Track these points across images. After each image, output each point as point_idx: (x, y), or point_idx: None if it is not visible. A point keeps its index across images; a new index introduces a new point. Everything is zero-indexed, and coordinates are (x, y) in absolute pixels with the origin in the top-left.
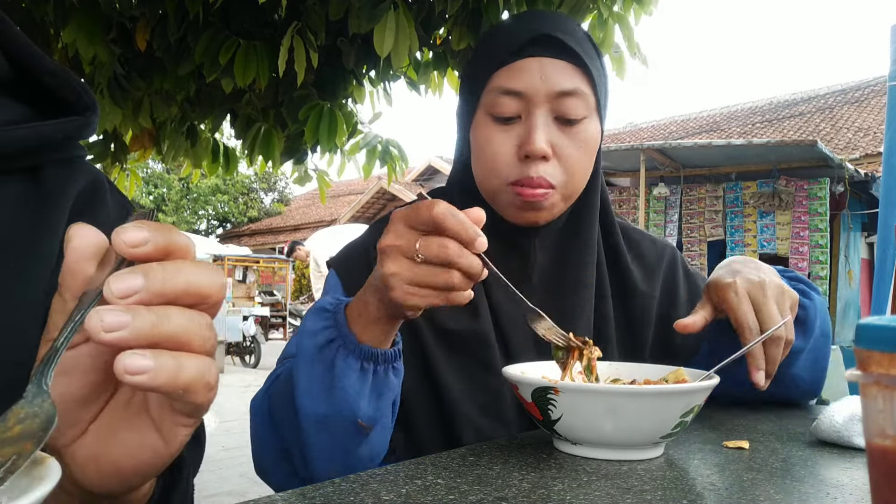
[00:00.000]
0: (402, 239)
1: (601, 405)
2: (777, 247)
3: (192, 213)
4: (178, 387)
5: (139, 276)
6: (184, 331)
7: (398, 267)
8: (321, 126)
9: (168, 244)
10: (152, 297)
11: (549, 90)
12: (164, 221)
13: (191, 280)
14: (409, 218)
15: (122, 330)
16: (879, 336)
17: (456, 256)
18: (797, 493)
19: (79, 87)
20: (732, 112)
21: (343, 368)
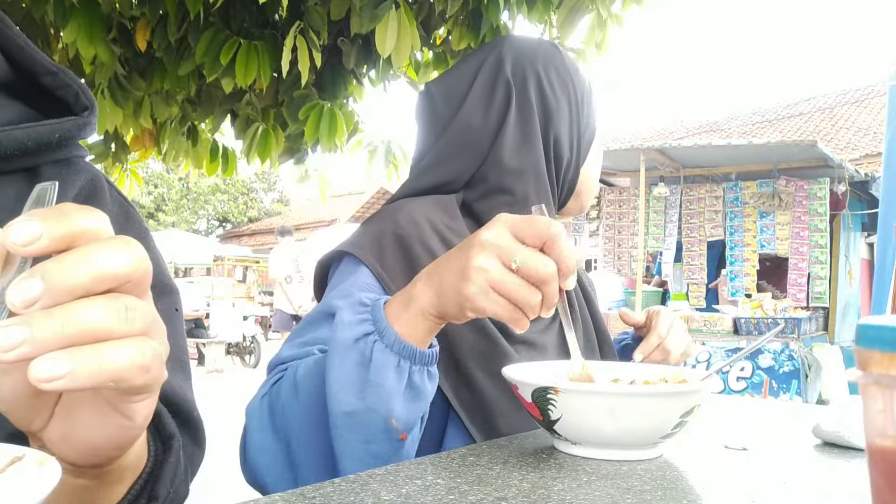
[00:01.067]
0: (505, 240)
1: (601, 405)
2: (777, 247)
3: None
4: (105, 380)
5: (37, 280)
6: (96, 324)
7: (489, 264)
8: (321, 126)
9: (67, 232)
10: (58, 298)
11: None
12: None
13: (97, 268)
14: (517, 227)
15: (22, 346)
16: (879, 336)
17: (551, 280)
18: (797, 493)
19: (77, 88)
20: (733, 112)
21: (380, 362)
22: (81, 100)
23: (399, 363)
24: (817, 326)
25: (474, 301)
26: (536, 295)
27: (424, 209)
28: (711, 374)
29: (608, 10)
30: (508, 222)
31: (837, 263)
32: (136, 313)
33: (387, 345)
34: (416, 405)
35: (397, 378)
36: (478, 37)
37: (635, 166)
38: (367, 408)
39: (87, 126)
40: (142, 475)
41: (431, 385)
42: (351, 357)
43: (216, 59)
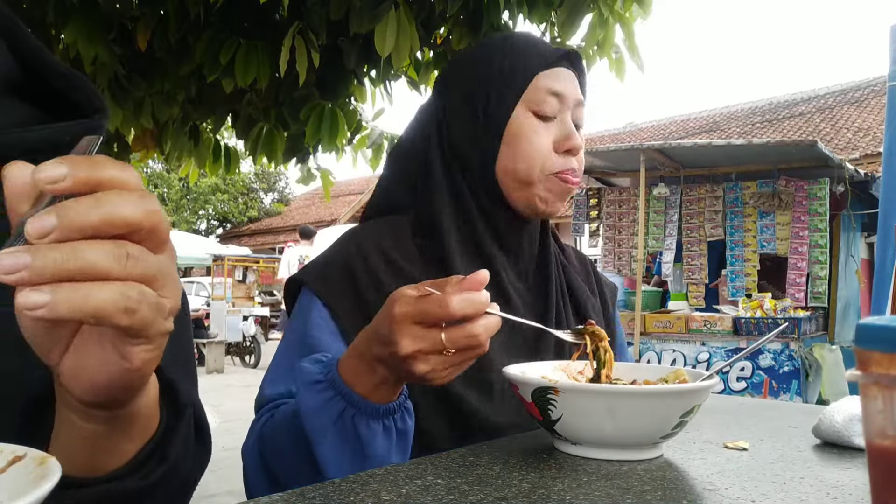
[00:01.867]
0: (424, 341)
1: (601, 405)
2: (777, 247)
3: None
4: (85, 315)
5: (52, 215)
6: (94, 264)
7: (432, 365)
8: (322, 126)
9: (91, 176)
10: (69, 234)
11: (576, 98)
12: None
13: (109, 212)
14: (419, 317)
15: (21, 271)
16: (879, 336)
17: (485, 336)
18: (797, 493)
19: (88, 90)
20: (732, 112)
21: (368, 435)
22: (93, 102)
23: (384, 427)
24: (817, 326)
25: (439, 384)
26: (484, 347)
27: (374, 235)
28: (711, 374)
29: (610, 9)
30: (405, 320)
31: (837, 263)
32: (136, 261)
33: (369, 416)
34: (406, 443)
35: (387, 439)
36: (478, 37)
37: (635, 166)
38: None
39: (98, 129)
40: (154, 436)
41: (412, 420)
42: (336, 438)
43: (216, 59)
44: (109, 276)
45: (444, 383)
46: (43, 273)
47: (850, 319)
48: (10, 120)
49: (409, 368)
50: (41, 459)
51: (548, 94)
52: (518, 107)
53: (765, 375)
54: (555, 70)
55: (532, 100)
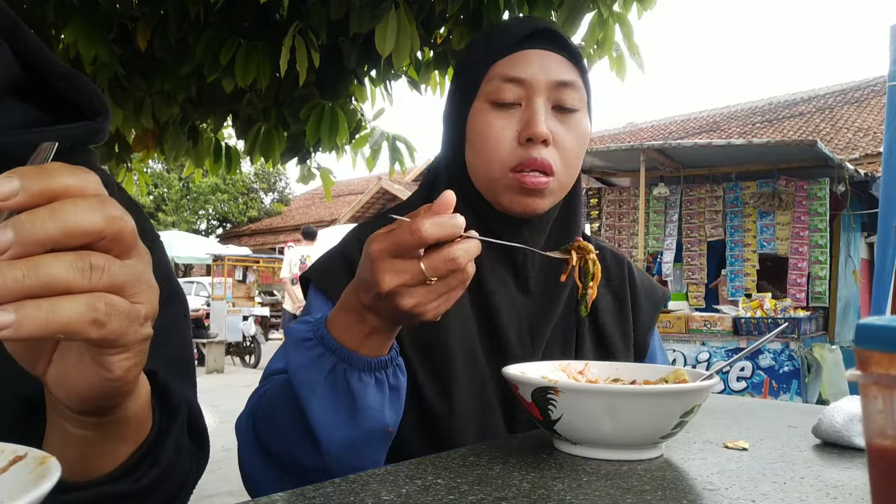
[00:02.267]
0: (405, 273)
1: (601, 405)
2: (777, 247)
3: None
4: (53, 332)
5: (8, 230)
6: (55, 277)
7: (417, 297)
8: (322, 125)
9: (46, 188)
10: (27, 249)
11: (548, 79)
12: (164, 221)
13: (67, 222)
14: (394, 249)
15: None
16: (879, 336)
17: (464, 259)
18: (797, 493)
19: (90, 92)
20: (732, 112)
21: (361, 388)
22: (95, 104)
23: (376, 380)
24: (817, 326)
25: (435, 317)
26: (466, 271)
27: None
28: (711, 374)
29: (609, 10)
30: (386, 252)
31: (837, 263)
32: (101, 271)
33: (359, 369)
34: (399, 402)
35: (380, 393)
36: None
37: (635, 166)
38: (365, 432)
39: (101, 131)
40: (147, 439)
41: (403, 377)
42: (328, 394)
43: (216, 59)
44: (73, 289)
45: (436, 317)
46: (4, 292)
47: (850, 319)
48: (11, 121)
49: (396, 305)
50: (41, 459)
51: (504, 81)
52: (476, 101)
53: (765, 375)
54: (519, 54)
55: (489, 91)
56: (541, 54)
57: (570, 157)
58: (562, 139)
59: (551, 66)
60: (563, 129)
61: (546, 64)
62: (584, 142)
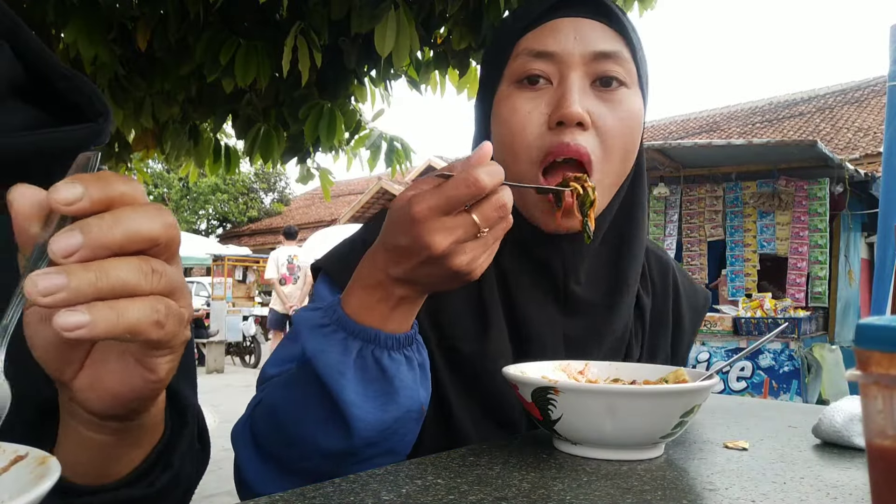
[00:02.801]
0: (458, 229)
1: (601, 405)
2: (777, 247)
3: (192, 213)
4: (121, 332)
5: (77, 233)
6: (124, 281)
7: (469, 254)
8: (320, 125)
9: (105, 194)
10: (94, 252)
11: (585, 51)
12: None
13: (131, 228)
14: (447, 205)
15: (59, 293)
16: (879, 336)
17: (510, 202)
18: (797, 493)
19: (91, 92)
20: (732, 112)
21: (394, 368)
22: (96, 105)
23: (405, 355)
24: (817, 326)
25: (480, 273)
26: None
27: None
28: (711, 373)
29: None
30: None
31: (837, 264)
32: (160, 275)
33: (388, 348)
34: (427, 378)
35: (411, 369)
36: (478, 36)
37: None
38: (402, 412)
39: (103, 133)
40: (159, 443)
41: (424, 351)
42: (357, 377)
43: (216, 59)
44: (138, 291)
45: (479, 275)
46: (79, 294)
47: (850, 319)
48: (14, 123)
49: (448, 266)
50: (42, 459)
51: (531, 57)
52: (501, 84)
53: (765, 375)
54: (548, 25)
55: (514, 70)
56: (575, 22)
57: (614, 142)
58: (603, 121)
59: (588, 35)
60: (604, 108)
61: (582, 33)
62: (633, 123)
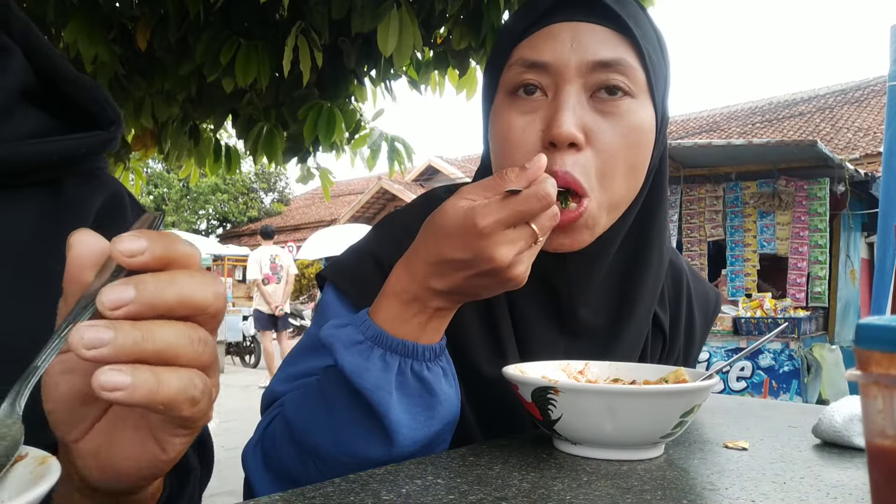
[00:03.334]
0: (521, 240)
1: (601, 405)
2: (777, 247)
3: (192, 213)
4: (157, 402)
5: (130, 287)
6: (170, 346)
7: (527, 262)
8: (319, 124)
9: (166, 254)
10: (143, 310)
11: (582, 60)
12: (165, 221)
13: (184, 292)
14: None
15: (102, 347)
16: (879, 336)
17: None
18: (797, 493)
19: (102, 99)
20: (732, 112)
21: (433, 378)
22: (107, 112)
23: (443, 368)
24: (817, 326)
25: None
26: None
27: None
28: (711, 373)
29: None
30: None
31: (837, 263)
32: (206, 347)
33: (426, 359)
34: (458, 385)
35: (448, 382)
36: (478, 36)
37: None
38: (441, 426)
39: (113, 141)
40: None
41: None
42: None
43: (216, 58)
44: (181, 361)
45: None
46: (123, 351)
47: (850, 319)
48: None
49: (508, 276)
50: (42, 459)
51: (523, 68)
52: (498, 94)
53: (765, 375)
54: (544, 31)
55: (508, 81)
56: (573, 27)
57: (616, 160)
58: (601, 138)
59: (586, 41)
60: (604, 124)
61: (580, 39)
62: (638, 137)
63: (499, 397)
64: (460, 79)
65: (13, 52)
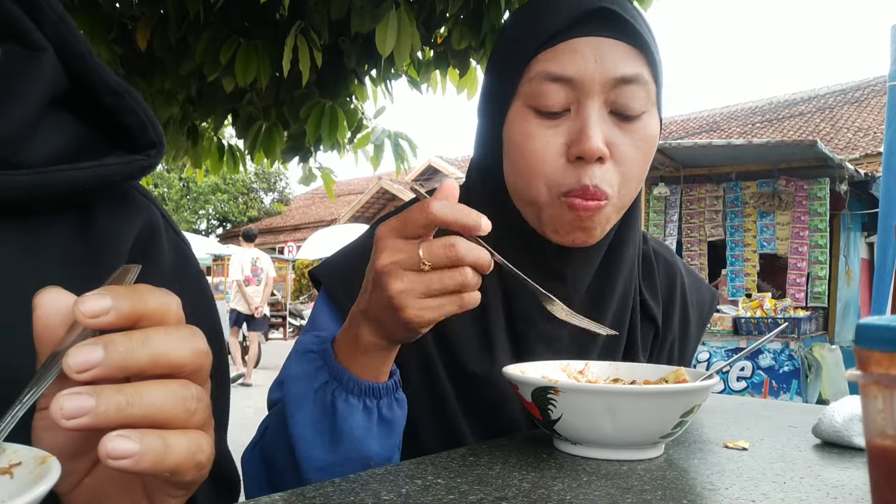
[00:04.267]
0: (402, 253)
1: (601, 405)
2: (777, 247)
3: (192, 213)
4: (165, 469)
5: (99, 349)
6: (159, 410)
7: (405, 283)
8: (322, 123)
9: (135, 311)
10: (112, 372)
11: (605, 77)
12: None
13: (157, 352)
14: (400, 229)
15: (84, 416)
16: (879, 336)
17: (466, 252)
18: (797, 493)
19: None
20: (732, 112)
21: (345, 410)
22: (148, 133)
23: (365, 405)
24: (817, 326)
25: (420, 320)
26: (464, 272)
27: None
28: (711, 373)
29: None
30: (391, 231)
31: (837, 263)
32: (199, 404)
33: (349, 391)
34: (390, 438)
35: (366, 419)
36: (479, 36)
37: None
38: (343, 458)
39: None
40: None
41: (401, 411)
42: (313, 410)
43: (216, 58)
44: (172, 424)
45: (421, 323)
46: (105, 420)
47: (850, 319)
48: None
49: (384, 284)
50: (42, 459)
51: (546, 81)
52: (515, 101)
53: (765, 375)
54: (566, 44)
55: (529, 93)
56: (595, 42)
57: (632, 171)
58: (622, 151)
59: (608, 57)
60: (623, 137)
61: (602, 55)
62: (649, 150)
63: (489, 397)
64: (461, 79)
65: (44, 51)
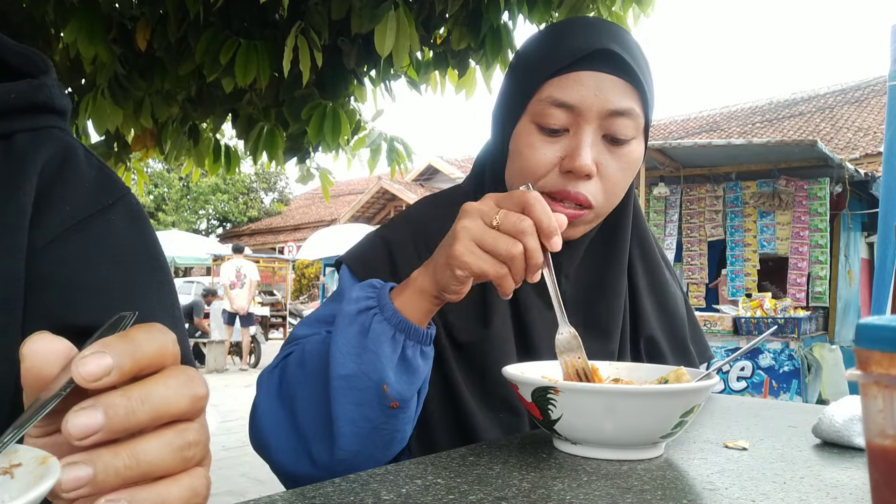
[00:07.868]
0: (486, 205)
1: (601, 405)
2: (777, 247)
3: (192, 213)
4: None
5: (98, 413)
6: (157, 466)
7: (472, 223)
8: (325, 125)
9: (136, 365)
10: (116, 435)
11: (601, 107)
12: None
13: (158, 408)
14: (499, 198)
15: (84, 487)
16: (879, 336)
17: (529, 232)
18: (797, 493)
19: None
20: (732, 112)
21: (377, 332)
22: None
23: (394, 335)
24: (817, 326)
25: (461, 259)
26: (517, 245)
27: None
28: (711, 373)
29: (608, 10)
30: (492, 195)
31: (837, 263)
32: (197, 449)
33: (385, 318)
34: (408, 378)
35: (392, 349)
36: (478, 37)
37: None
38: (362, 372)
39: (45, 88)
40: None
41: (424, 364)
42: (353, 327)
43: (216, 58)
44: (170, 473)
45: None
46: (105, 487)
47: (850, 319)
48: None
49: (458, 220)
50: (42, 459)
51: (552, 105)
52: (523, 117)
53: (765, 375)
54: (571, 76)
55: (536, 112)
56: (598, 77)
57: (615, 188)
58: (607, 170)
59: (606, 91)
60: (611, 158)
61: (603, 89)
62: (632, 172)
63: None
64: (460, 79)
65: None
